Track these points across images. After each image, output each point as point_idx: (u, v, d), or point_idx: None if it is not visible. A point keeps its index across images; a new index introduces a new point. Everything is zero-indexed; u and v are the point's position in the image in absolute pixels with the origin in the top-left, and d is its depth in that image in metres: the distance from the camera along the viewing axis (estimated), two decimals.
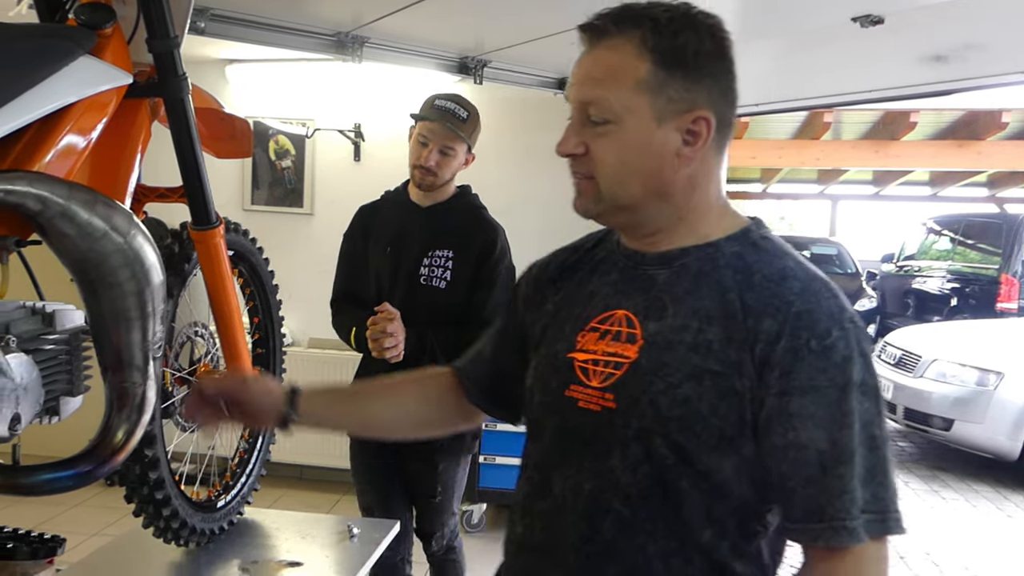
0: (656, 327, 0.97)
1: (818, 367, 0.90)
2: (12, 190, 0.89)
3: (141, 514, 1.34)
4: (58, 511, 3.63)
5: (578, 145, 0.98)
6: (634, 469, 0.95)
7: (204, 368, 1.53)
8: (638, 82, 0.94)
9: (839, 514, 0.88)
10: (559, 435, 1.02)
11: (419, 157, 2.14)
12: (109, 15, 1.10)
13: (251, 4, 2.23)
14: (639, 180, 0.97)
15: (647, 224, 1.02)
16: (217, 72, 4.19)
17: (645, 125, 0.95)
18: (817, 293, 0.95)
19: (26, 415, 0.95)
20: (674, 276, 1.00)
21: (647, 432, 0.94)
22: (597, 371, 0.99)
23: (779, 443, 0.91)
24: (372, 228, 2.25)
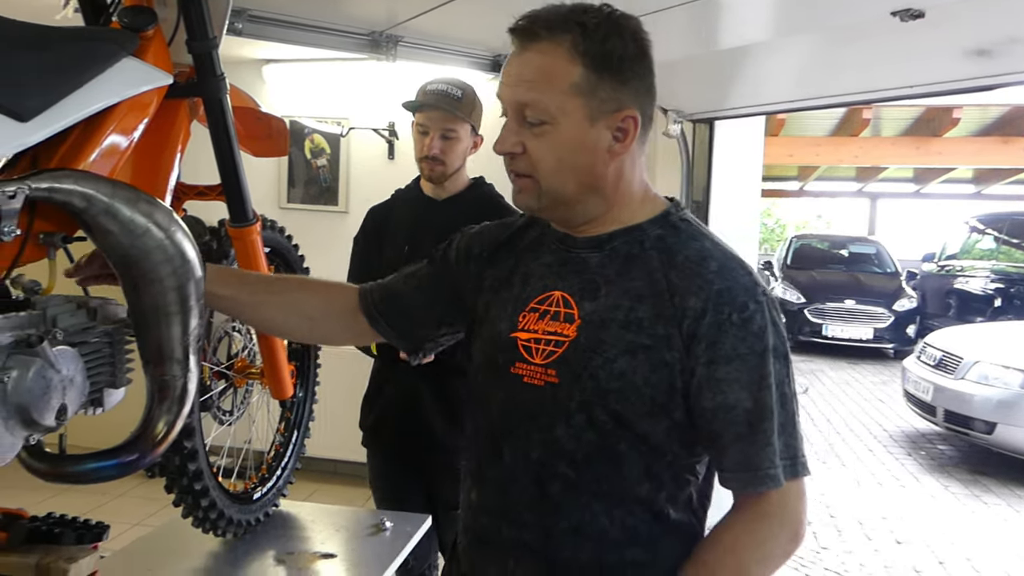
0: (591, 307, 1.07)
1: (739, 337, 1.01)
2: (59, 188, 0.92)
3: (181, 504, 1.37)
4: (103, 501, 3.73)
5: (516, 144, 1.06)
6: (578, 437, 1.05)
7: (241, 363, 1.56)
8: (572, 85, 1.01)
9: (763, 464, 1.02)
10: (506, 408, 1.11)
11: (422, 148, 2.08)
12: (151, 18, 1.12)
13: (287, 5, 2.27)
14: (575, 176, 1.06)
15: (581, 215, 1.10)
16: (254, 72, 4.26)
17: (579, 125, 1.03)
18: (733, 271, 1.05)
19: (72, 406, 0.98)
20: (606, 259, 1.09)
21: (588, 404, 1.04)
22: (539, 349, 1.08)
23: (709, 406, 1.02)
24: (387, 228, 2.19)
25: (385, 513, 1.71)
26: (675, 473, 1.08)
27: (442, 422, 2.09)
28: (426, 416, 2.10)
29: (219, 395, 1.51)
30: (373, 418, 2.21)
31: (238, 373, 1.54)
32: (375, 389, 2.22)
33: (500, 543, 1.12)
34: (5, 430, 0.89)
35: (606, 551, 1.07)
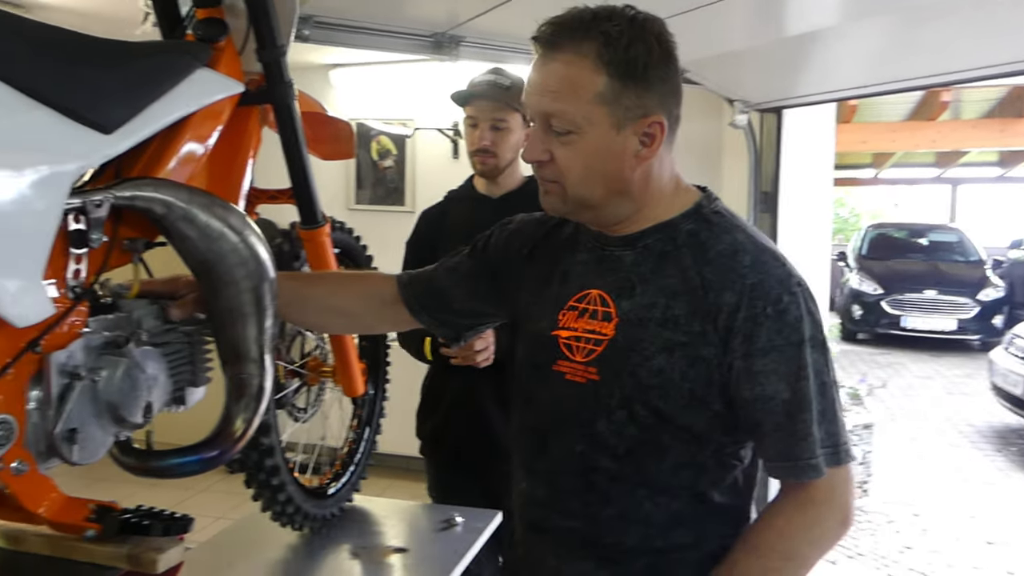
0: (628, 305, 1.09)
1: (775, 329, 1.03)
2: (141, 196, 0.96)
3: (259, 498, 1.41)
4: (187, 495, 3.88)
5: (544, 152, 1.08)
6: (619, 432, 1.08)
7: (314, 361, 1.60)
8: (596, 95, 1.02)
9: (804, 454, 1.03)
10: (551, 404, 1.15)
11: (472, 141, 2.02)
12: (223, 29, 1.17)
13: (351, 10, 2.31)
14: (602, 182, 1.07)
15: (609, 217, 1.12)
16: (322, 77, 4.36)
17: (605, 134, 1.04)
18: (766, 264, 1.06)
19: (157, 403, 1.02)
20: (639, 257, 1.11)
21: (629, 400, 1.07)
22: (580, 347, 1.11)
23: (748, 397, 1.04)
24: (442, 231, 2.11)
25: (456, 509, 1.73)
26: (719, 459, 1.10)
27: (503, 427, 2.04)
28: (487, 422, 2.03)
29: (293, 393, 1.55)
30: (431, 426, 2.15)
31: (311, 371, 1.58)
32: (431, 396, 2.16)
33: (550, 530, 1.16)
34: (97, 427, 0.94)
35: (652, 535, 1.10)
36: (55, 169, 0.84)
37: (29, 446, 0.88)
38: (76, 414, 0.91)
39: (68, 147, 0.86)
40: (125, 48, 1.00)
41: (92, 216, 0.91)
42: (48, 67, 0.85)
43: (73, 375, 0.91)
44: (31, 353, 0.87)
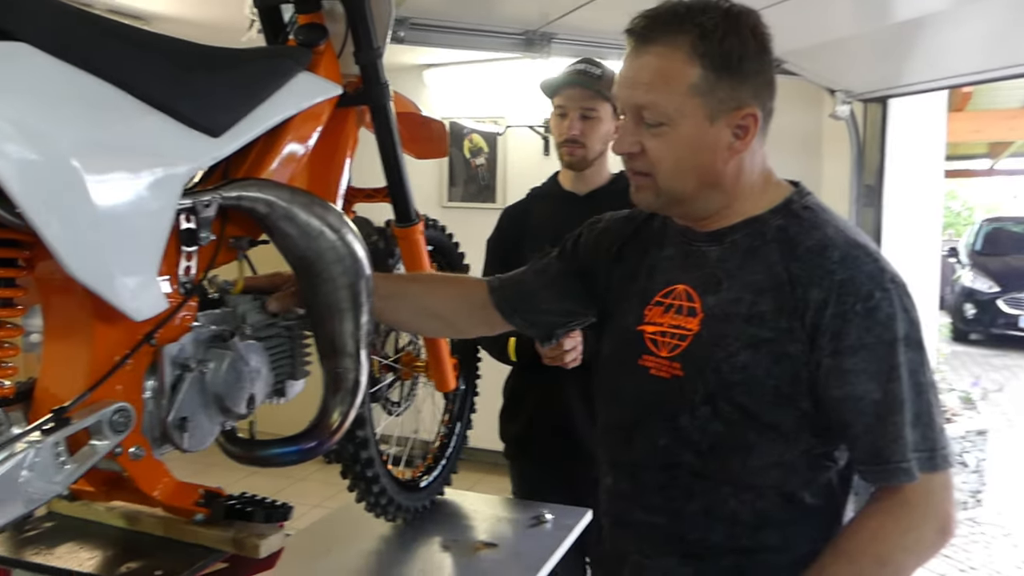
0: (714, 300, 1.08)
1: (865, 327, 0.99)
2: (246, 196, 1.01)
3: (355, 489, 1.46)
4: (286, 483, 4.04)
5: (634, 144, 1.07)
6: (703, 428, 1.07)
7: (407, 356, 1.63)
8: (690, 87, 1.02)
9: (894, 457, 1.00)
10: (635, 399, 1.15)
11: (561, 131, 1.96)
12: (323, 33, 1.20)
13: (445, 11, 2.35)
14: (694, 175, 1.06)
15: (700, 211, 1.11)
16: (415, 77, 4.45)
17: (698, 125, 1.03)
18: (856, 259, 1.02)
19: (259, 395, 1.07)
20: (726, 252, 1.10)
21: (713, 396, 1.05)
22: (664, 342, 1.11)
23: (837, 396, 1.01)
24: (526, 230, 2.04)
25: (546, 506, 1.73)
26: (810, 460, 1.07)
27: (589, 429, 1.89)
28: (572, 424, 1.97)
29: (388, 387, 1.59)
30: (516, 429, 2.09)
31: (405, 366, 1.61)
32: (515, 398, 2.10)
33: (634, 525, 1.16)
34: (205, 416, 0.99)
35: (738, 533, 1.08)
36: (169, 172, 0.88)
37: (145, 433, 0.94)
38: (187, 404, 0.96)
39: (180, 151, 0.90)
40: (231, 54, 1.04)
41: (201, 216, 0.96)
42: (162, 75, 0.90)
43: (184, 367, 0.96)
44: (147, 345, 0.92)
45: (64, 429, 0.81)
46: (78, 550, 1.02)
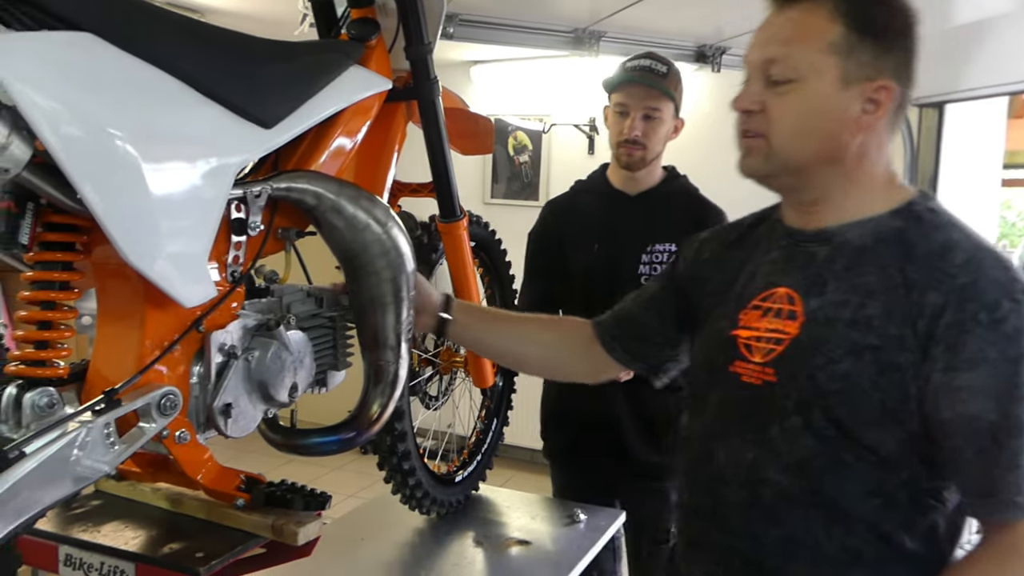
0: (816, 303, 0.99)
1: (988, 339, 0.88)
2: (295, 187, 1.02)
3: (391, 481, 1.47)
4: (322, 472, 4.09)
5: (755, 103, 1.00)
6: (793, 440, 0.97)
7: (447, 351, 1.64)
8: (830, 44, 0.95)
9: (1009, 488, 0.88)
10: (722, 408, 1.06)
11: (621, 131, 1.86)
12: (375, 28, 1.21)
13: (495, 7, 2.35)
14: (814, 141, 0.98)
15: (812, 189, 1.02)
16: (463, 73, 4.46)
17: (829, 86, 0.96)
18: (982, 263, 0.92)
19: (302, 385, 1.08)
20: (835, 252, 1.00)
21: (806, 405, 0.96)
22: (759, 347, 1.02)
23: (947, 416, 0.90)
24: (570, 225, 1.97)
25: (579, 506, 1.73)
26: (913, 495, 0.95)
27: (642, 442, 1.90)
28: (627, 435, 1.90)
29: (426, 381, 1.60)
30: (562, 434, 2.03)
31: (444, 361, 1.62)
32: (563, 404, 2.02)
33: (709, 547, 1.07)
34: (249, 403, 1.01)
35: (823, 569, 0.97)
36: (222, 161, 0.90)
37: (191, 417, 0.96)
38: (231, 390, 0.98)
39: (234, 141, 0.92)
40: (285, 47, 1.06)
41: (252, 206, 0.98)
42: (218, 66, 0.92)
43: (230, 354, 0.98)
44: (195, 332, 0.94)
45: (114, 411, 0.83)
46: (123, 529, 1.05)
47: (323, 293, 1.17)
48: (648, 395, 1.82)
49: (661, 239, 1.89)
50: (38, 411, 0.81)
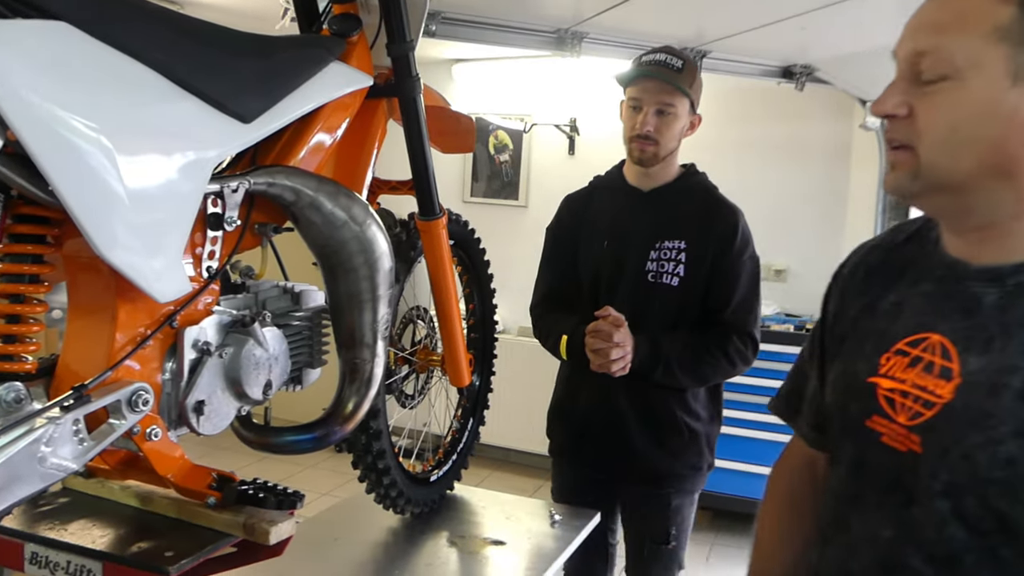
0: (978, 363, 0.80)
1: None
2: (273, 183, 1.01)
3: (365, 480, 1.46)
4: (296, 470, 4.06)
5: (900, 105, 0.82)
6: (940, 527, 0.81)
7: (424, 349, 1.63)
8: (996, 28, 0.77)
9: None
10: (856, 468, 0.91)
11: (634, 126, 1.82)
12: (356, 24, 1.21)
13: (478, 6, 2.34)
14: (974, 152, 0.79)
15: (977, 213, 0.83)
16: (444, 71, 4.44)
17: (995, 83, 0.77)
18: None
19: (276, 382, 1.07)
20: (1007, 298, 0.81)
21: (958, 490, 0.79)
22: (905, 405, 0.85)
23: None
24: (584, 220, 1.94)
25: (554, 505, 1.73)
26: None
27: (647, 444, 1.86)
28: (631, 437, 1.87)
29: (402, 379, 1.59)
30: (567, 432, 1.99)
31: (421, 359, 1.61)
32: (567, 398, 1.99)
33: None
34: (222, 400, 0.99)
35: None
36: (199, 155, 0.89)
37: (162, 414, 0.95)
38: (204, 387, 0.96)
39: (211, 135, 0.91)
40: (265, 42, 1.04)
41: (228, 200, 0.97)
42: (197, 59, 0.90)
43: (203, 350, 0.97)
44: (168, 327, 0.93)
45: (84, 407, 0.82)
46: (91, 527, 1.03)
47: (300, 289, 1.16)
48: (654, 396, 1.85)
49: (670, 236, 1.85)
50: (5, 406, 0.79)
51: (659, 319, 1.83)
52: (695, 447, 1.89)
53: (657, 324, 1.82)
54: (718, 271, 1.82)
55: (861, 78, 3.00)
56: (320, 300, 1.19)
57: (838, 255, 1.10)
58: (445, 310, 1.50)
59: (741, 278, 1.84)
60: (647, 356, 1.77)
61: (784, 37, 2.48)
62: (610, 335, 1.72)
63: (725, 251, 1.83)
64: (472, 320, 1.81)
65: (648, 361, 1.77)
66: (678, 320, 1.84)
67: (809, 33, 2.44)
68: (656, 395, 1.85)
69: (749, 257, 1.86)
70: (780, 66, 2.94)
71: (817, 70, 2.89)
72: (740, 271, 1.84)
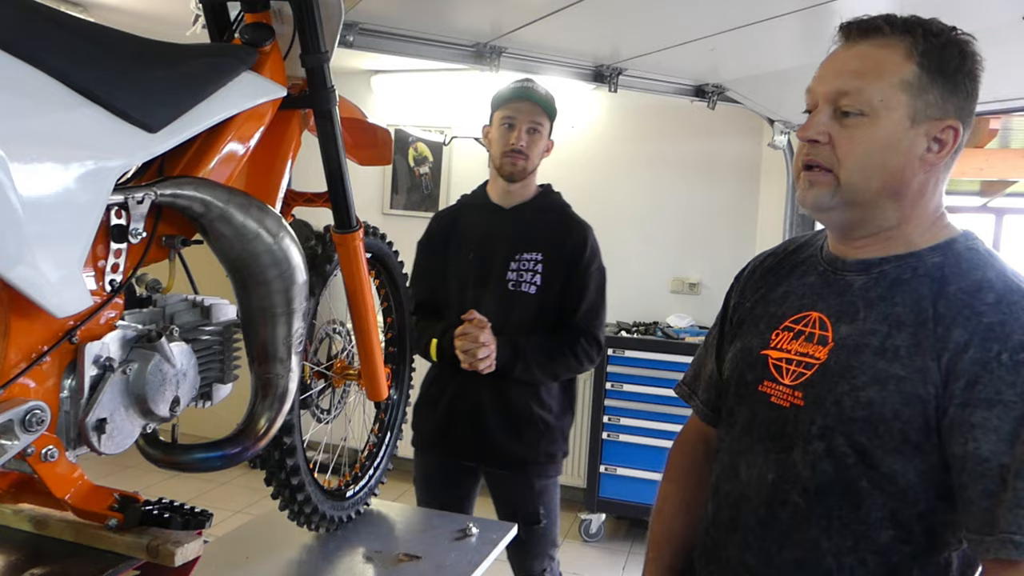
0: (847, 330, 1.01)
1: (1007, 381, 0.89)
2: (181, 194, 0.98)
3: (278, 497, 1.43)
4: (208, 487, 3.92)
5: (822, 133, 1.00)
6: (814, 464, 0.99)
7: (340, 364, 1.61)
8: (902, 81, 0.97)
9: (1010, 527, 0.87)
10: (749, 426, 1.09)
11: (507, 141, 2.06)
12: (269, 33, 1.19)
13: (396, 18, 2.34)
14: (881, 176, 0.99)
15: (870, 224, 1.03)
16: (363, 82, 4.41)
17: (898, 123, 0.98)
18: (1012, 305, 0.93)
19: (184, 398, 1.04)
20: (871, 282, 1.03)
21: (830, 431, 0.98)
22: (790, 369, 1.05)
23: (959, 452, 0.91)
24: (453, 235, 2.17)
25: (471, 518, 1.73)
26: (929, 528, 0.96)
27: (505, 433, 2.09)
28: (490, 428, 2.09)
29: (318, 394, 1.56)
30: (433, 424, 2.17)
31: (337, 374, 1.59)
32: (434, 394, 2.18)
33: (724, 560, 1.10)
34: (126, 418, 0.96)
35: None
36: (100, 165, 0.85)
37: (60, 433, 0.90)
38: (106, 405, 0.93)
39: (114, 144, 0.88)
40: (175, 50, 1.02)
41: (133, 212, 0.94)
42: (99, 66, 0.87)
43: (106, 366, 0.93)
44: (67, 343, 0.89)
45: None
46: None
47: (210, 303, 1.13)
48: (513, 392, 2.08)
49: (528, 248, 2.09)
50: None
51: (520, 323, 2.06)
52: (549, 436, 2.13)
53: (518, 328, 2.05)
54: (570, 280, 2.07)
55: (769, 99, 3.13)
56: (231, 314, 1.16)
57: None
58: (362, 324, 1.49)
59: (590, 287, 2.09)
60: (508, 355, 2.01)
61: (696, 57, 2.57)
62: (476, 336, 1.96)
63: (576, 263, 2.08)
64: (390, 334, 1.80)
65: (509, 360, 2.01)
66: (536, 324, 2.07)
67: (719, 54, 2.53)
68: (514, 391, 2.08)
69: (597, 268, 2.12)
70: (693, 85, 3.04)
71: (728, 90, 3.00)
72: (589, 281, 2.09)
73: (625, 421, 3.75)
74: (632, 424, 3.74)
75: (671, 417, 3.60)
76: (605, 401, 3.76)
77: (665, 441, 3.64)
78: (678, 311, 4.12)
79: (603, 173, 4.11)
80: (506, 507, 2.14)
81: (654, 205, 4.21)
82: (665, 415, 3.65)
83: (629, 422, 3.75)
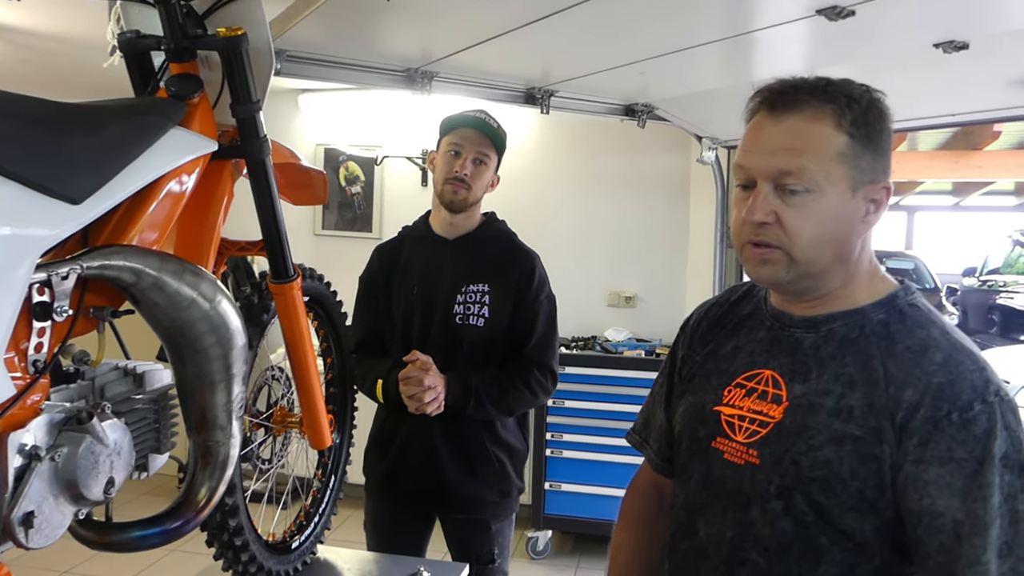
0: (801, 389, 1.02)
1: (957, 439, 0.92)
2: (110, 265, 0.93)
3: (221, 558, 1.37)
4: None
5: (769, 214, 1.01)
6: (773, 523, 1.00)
7: (280, 411, 1.56)
8: (838, 153, 0.99)
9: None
10: (704, 483, 1.09)
11: (452, 169, 1.98)
12: (196, 85, 1.14)
13: (324, 45, 2.28)
14: (831, 247, 1.01)
15: (821, 288, 1.05)
16: (290, 101, 4.32)
17: (842, 194, 1.00)
18: (959, 365, 0.96)
19: (119, 477, 0.98)
20: (821, 340, 1.04)
21: (788, 489, 0.99)
22: (743, 427, 1.05)
23: (914, 508, 0.93)
24: (395, 268, 2.08)
25: (421, 561, 1.70)
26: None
27: (460, 473, 2.01)
28: (444, 469, 2.00)
29: (259, 445, 1.51)
30: (384, 468, 2.08)
31: (278, 423, 1.54)
32: (385, 437, 2.09)
33: None
34: (55, 508, 0.90)
35: None
36: (19, 245, 0.80)
37: None
38: (34, 496, 0.87)
39: (35, 221, 0.83)
40: (94, 111, 0.97)
41: (57, 289, 0.88)
42: (12, 140, 0.82)
43: (32, 455, 0.87)
44: None
45: None
46: None
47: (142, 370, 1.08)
48: (467, 429, 2.00)
49: (474, 280, 2.01)
50: None
51: (468, 357, 1.97)
52: (504, 474, 2.06)
53: (467, 362, 1.97)
54: (519, 311, 2.00)
55: (696, 117, 3.19)
56: (166, 379, 1.10)
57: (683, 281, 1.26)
58: (302, 374, 1.44)
59: (540, 316, 2.02)
60: (459, 393, 1.93)
61: (625, 80, 2.59)
62: (421, 380, 1.87)
63: (525, 293, 2.01)
64: (330, 375, 1.76)
65: (460, 398, 1.93)
66: (487, 357, 1.99)
67: (648, 77, 2.56)
68: (468, 428, 2.00)
69: (546, 297, 2.05)
70: (623, 104, 3.07)
71: (657, 108, 3.04)
72: (539, 310, 2.02)
73: (568, 437, 3.77)
74: (575, 440, 3.76)
75: (613, 431, 3.63)
76: (548, 418, 3.76)
77: (608, 455, 3.67)
78: (615, 324, 4.16)
79: (536, 190, 4.12)
80: (460, 547, 2.08)
81: (588, 220, 4.24)
82: (607, 429, 3.67)
83: (572, 438, 3.76)
